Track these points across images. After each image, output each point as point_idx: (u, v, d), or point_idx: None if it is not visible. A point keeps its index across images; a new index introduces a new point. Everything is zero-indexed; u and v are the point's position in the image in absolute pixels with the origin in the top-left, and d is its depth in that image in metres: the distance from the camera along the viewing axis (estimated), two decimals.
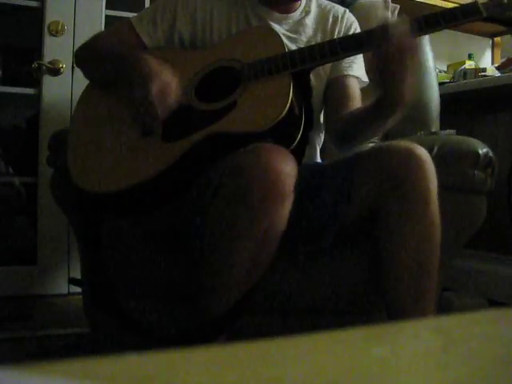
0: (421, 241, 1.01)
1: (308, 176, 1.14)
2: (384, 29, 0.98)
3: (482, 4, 1.02)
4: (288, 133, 1.04)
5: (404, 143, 1.05)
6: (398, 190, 1.00)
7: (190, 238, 1.14)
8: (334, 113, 1.24)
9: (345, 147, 1.25)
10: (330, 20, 1.29)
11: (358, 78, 1.27)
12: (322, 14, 1.30)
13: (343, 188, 1.09)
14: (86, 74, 1.30)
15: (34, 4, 1.96)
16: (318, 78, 1.21)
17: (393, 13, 1.65)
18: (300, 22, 1.27)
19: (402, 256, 1.02)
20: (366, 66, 1.16)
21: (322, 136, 1.37)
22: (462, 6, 1.04)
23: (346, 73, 1.25)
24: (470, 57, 2.53)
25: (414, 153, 1.00)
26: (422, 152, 1.01)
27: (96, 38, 1.27)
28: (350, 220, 1.10)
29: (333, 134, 1.28)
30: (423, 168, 0.99)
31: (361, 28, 1.31)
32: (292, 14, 1.26)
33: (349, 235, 1.15)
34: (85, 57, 1.28)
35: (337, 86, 1.25)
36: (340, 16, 1.30)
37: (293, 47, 1.17)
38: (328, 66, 1.24)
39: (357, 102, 1.24)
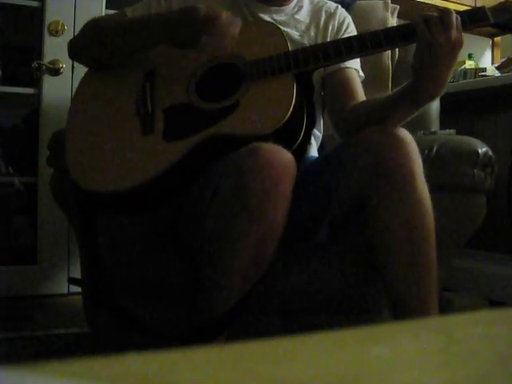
0: (411, 222, 1.00)
1: (302, 171, 1.14)
2: (444, 18, 0.98)
3: (489, 9, 1.01)
4: (291, 133, 1.04)
5: (386, 127, 1.04)
6: (382, 172, 0.99)
7: (190, 238, 1.13)
8: (339, 106, 1.23)
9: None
10: (324, 16, 1.29)
11: (356, 69, 1.26)
12: (315, 10, 1.30)
13: (332, 177, 1.09)
14: (86, 58, 1.24)
15: (34, 4, 1.96)
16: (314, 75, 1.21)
17: (392, 14, 1.65)
18: (293, 17, 1.27)
19: (393, 238, 1.01)
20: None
21: (321, 132, 1.37)
22: (470, 12, 1.04)
23: (343, 66, 1.24)
24: (469, 57, 2.53)
25: (395, 134, 1.00)
26: (403, 133, 1.01)
27: (93, 21, 1.23)
28: (343, 210, 1.10)
29: (341, 127, 1.25)
30: (404, 148, 0.99)
31: (360, 29, 1.30)
32: (284, 8, 1.27)
33: (345, 227, 1.15)
34: (85, 40, 1.22)
35: (337, 80, 1.24)
36: (333, 12, 1.30)
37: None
38: None
39: (360, 92, 1.23)
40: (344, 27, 1.29)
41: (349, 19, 1.32)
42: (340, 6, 1.34)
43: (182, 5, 1.22)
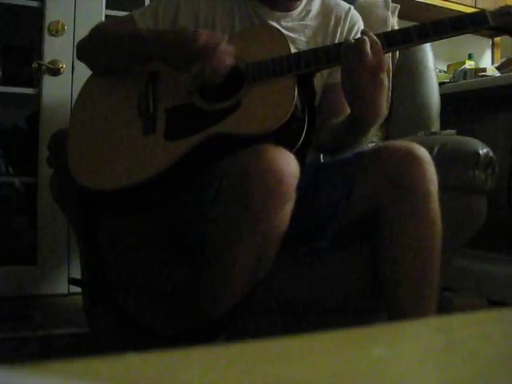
0: (421, 242, 1.01)
1: (309, 175, 1.14)
2: (348, 47, 0.99)
3: (490, 12, 1.02)
4: (291, 135, 1.04)
5: (404, 143, 1.05)
6: (398, 190, 1.00)
7: (191, 238, 1.13)
8: (324, 119, 1.22)
9: (331, 154, 1.24)
10: (333, 21, 1.27)
11: None
12: (325, 13, 1.28)
13: (343, 187, 1.09)
14: (91, 63, 1.27)
15: (34, 4, 1.96)
16: (317, 80, 1.21)
17: (393, 13, 1.65)
18: (300, 22, 1.26)
19: (401, 256, 1.02)
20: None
21: None
22: (470, 15, 1.04)
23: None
24: (470, 57, 2.54)
25: (414, 153, 1.00)
26: (422, 152, 1.01)
27: (99, 27, 1.26)
28: (350, 219, 1.10)
29: (321, 139, 1.25)
30: (423, 168, 0.99)
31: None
32: (292, 13, 1.25)
33: (349, 235, 1.15)
34: (90, 44, 1.26)
35: (331, 94, 1.24)
36: (343, 16, 1.28)
37: (291, 47, 1.16)
38: (326, 71, 1.23)
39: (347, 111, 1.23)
40: (354, 32, 1.27)
41: (359, 23, 1.30)
42: (353, 8, 1.32)
43: (190, 10, 1.22)
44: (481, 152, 1.17)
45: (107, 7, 2.02)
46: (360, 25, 1.30)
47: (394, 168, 1.00)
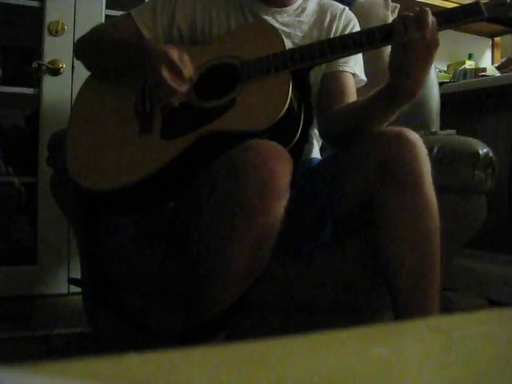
0: (416, 222, 1.00)
1: (306, 172, 1.14)
2: (419, 17, 0.98)
3: (484, 4, 1.02)
4: (287, 131, 1.04)
5: (395, 129, 1.04)
6: (391, 174, 1.00)
7: (188, 237, 1.14)
8: (327, 108, 1.22)
9: (339, 142, 1.22)
10: (328, 18, 1.28)
11: (353, 74, 1.26)
12: (320, 12, 1.29)
13: (337, 177, 1.09)
14: (87, 64, 1.29)
15: (34, 4, 1.96)
16: (314, 75, 1.21)
17: (393, 12, 1.64)
18: (295, 18, 1.26)
19: (398, 241, 1.01)
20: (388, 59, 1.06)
21: None
22: (464, 6, 1.04)
23: (341, 69, 1.24)
24: (470, 57, 2.54)
25: (405, 136, 1.00)
26: (413, 135, 1.01)
27: (97, 29, 1.27)
28: (347, 211, 1.10)
29: (323, 126, 1.25)
30: (414, 150, 0.99)
31: (360, 28, 1.30)
32: (288, 9, 1.26)
33: (349, 228, 1.15)
34: (86, 46, 1.28)
35: (331, 82, 1.24)
36: (338, 14, 1.29)
37: (287, 42, 1.16)
38: None
39: (351, 97, 1.22)
40: (349, 28, 1.28)
41: (354, 22, 1.30)
42: (347, 8, 1.33)
43: (187, 8, 1.22)
44: (481, 152, 1.17)
45: (107, 7, 2.02)
46: (355, 23, 1.30)
47: (386, 153, 1.00)
